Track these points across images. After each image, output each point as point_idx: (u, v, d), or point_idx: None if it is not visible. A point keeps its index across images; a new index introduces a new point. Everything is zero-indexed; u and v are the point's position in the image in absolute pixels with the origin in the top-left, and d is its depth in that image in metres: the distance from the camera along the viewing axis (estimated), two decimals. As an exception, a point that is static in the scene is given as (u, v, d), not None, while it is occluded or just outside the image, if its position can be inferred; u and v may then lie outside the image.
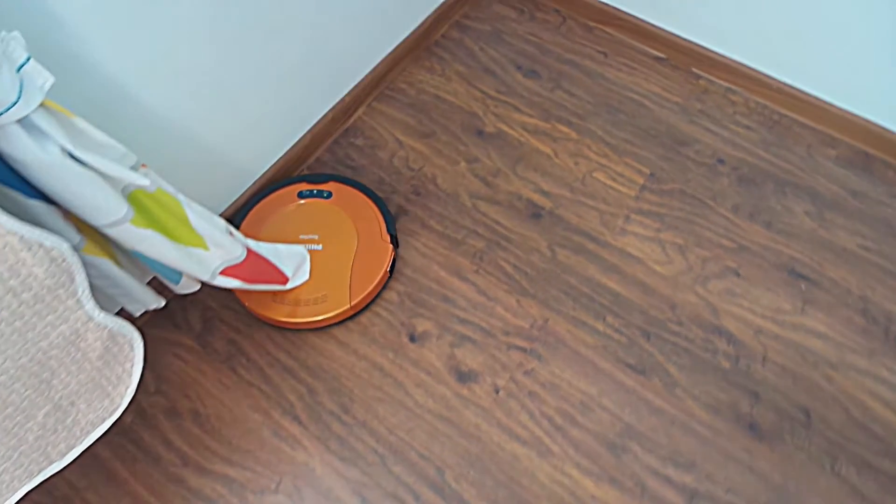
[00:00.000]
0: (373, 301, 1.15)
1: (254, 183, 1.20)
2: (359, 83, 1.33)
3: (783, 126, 1.35)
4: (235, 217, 1.18)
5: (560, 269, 1.18)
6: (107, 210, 0.68)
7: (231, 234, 0.88)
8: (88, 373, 0.81)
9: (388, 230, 1.16)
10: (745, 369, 1.10)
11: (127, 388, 0.87)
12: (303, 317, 1.09)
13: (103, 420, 0.87)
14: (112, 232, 0.70)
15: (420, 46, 1.43)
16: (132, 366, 0.86)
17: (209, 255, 0.84)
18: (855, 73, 1.24)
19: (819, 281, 1.18)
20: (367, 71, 1.34)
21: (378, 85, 1.37)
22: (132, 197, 0.71)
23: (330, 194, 1.19)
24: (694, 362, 1.10)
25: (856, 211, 1.25)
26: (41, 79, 0.60)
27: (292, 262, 1.06)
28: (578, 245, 1.20)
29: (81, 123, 0.66)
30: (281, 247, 1.05)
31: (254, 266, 0.94)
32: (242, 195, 1.19)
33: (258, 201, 1.18)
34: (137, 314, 0.90)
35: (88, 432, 0.86)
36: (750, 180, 1.28)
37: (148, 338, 1.11)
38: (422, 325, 1.13)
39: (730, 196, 1.26)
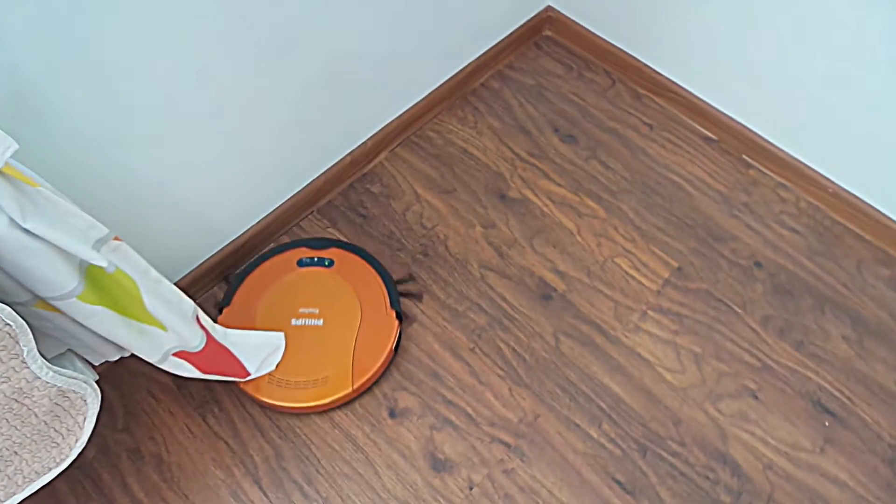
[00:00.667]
0: (375, 383, 1.07)
1: (257, 222, 1.16)
2: (385, 126, 1.27)
3: (834, 234, 1.23)
4: (227, 293, 1.10)
5: (561, 362, 1.10)
6: (54, 283, 0.64)
7: (197, 318, 0.83)
8: (34, 426, 0.78)
9: (392, 304, 1.09)
10: (746, 507, 1.00)
11: (77, 440, 0.84)
12: (300, 401, 1.01)
13: (49, 469, 0.84)
14: (58, 304, 0.67)
15: (456, 94, 1.36)
16: (84, 419, 0.83)
17: (165, 335, 0.79)
18: (924, 191, 1.11)
19: (846, 419, 1.06)
20: (396, 114, 1.28)
21: (405, 130, 1.31)
22: (88, 271, 0.67)
23: (332, 262, 1.11)
24: (690, 490, 1.01)
25: (902, 344, 1.13)
26: (2, 147, 0.56)
27: (261, 353, 1.00)
28: (586, 337, 1.12)
29: (46, 192, 0.62)
30: (255, 335, 0.99)
31: (211, 356, 0.89)
32: (241, 235, 1.15)
33: (254, 268, 1.12)
34: (97, 363, 0.87)
35: (32, 481, 0.84)
36: (787, 291, 1.17)
37: (126, 369, 1.08)
38: (405, 401, 1.07)
39: (761, 306, 1.15)
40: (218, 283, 1.16)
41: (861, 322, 1.14)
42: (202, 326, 0.85)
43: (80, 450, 0.84)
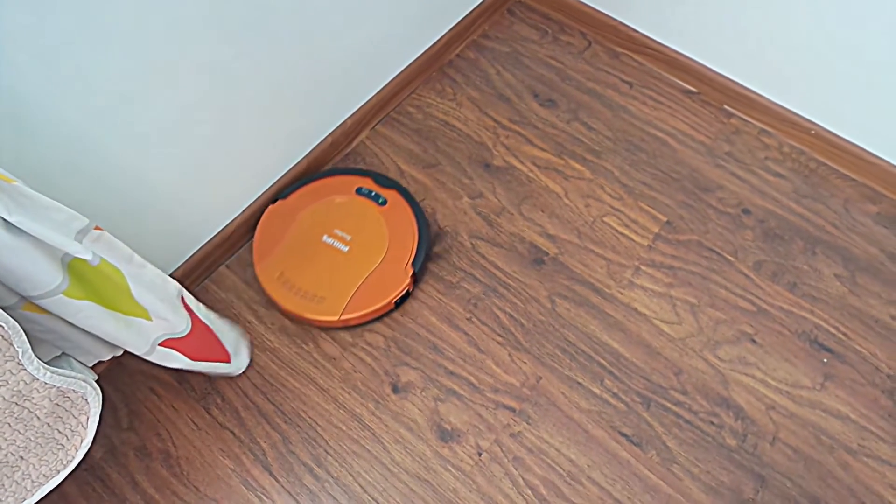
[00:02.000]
0: (365, 324, 1.10)
1: (243, 210, 1.15)
2: (363, 105, 1.26)
3: (819, 175, 1.23)
4: (289, 187, 1.17)
5: (559, 323, 1.10)
6: (39, 281, 0.63)
7: (182, 299, 0.83)
8: (37, 429, 0.78)
9: (414, 263, 1.10)
10: (753, 449, 1.01)
11: (82, 440, 0.84)
12: (290, 306, 1.07)
13: (57, 472, 0.84)
14: (44, 303, 0.66)
15: (433, 66, 1.35)
16: (87, 419, 0.82)
17: (151, 325, 0.79)
18: (904, 124, 1.12)
19: (844, 354, 1.08)
20: (373, 92, 1.27)
21: (384, 107, 1.30)
22: (71, 266, 0.66)
23: (385, 202, 1.15)
24: (696, 437, 1.02)
25: (893, 277, 1.13)
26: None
27: (230, 339, 1.00)
28: (581, 297, 1.12)
29: (22, 187, 0.61)
30: (219, 321, 0.99)
31: (199, 339, 0.88)
32: (230, 224, 1.14)
33: (321, 178, 1.17)
34: (90, 364, 0.86)
35: (41, 485, 0.83)
36: (777, 235, 1.17)
37: (125, 369, 1.08)
38: (406, 376, 1.07)
39: (753, 252, 1.16)
40: (209, 274, 1.16)
41: (852, 259, 1.15)
42: (187, 308, 0.84)
43: (85, 450, 0.83)
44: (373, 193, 1.15)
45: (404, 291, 1.09)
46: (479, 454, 1.01)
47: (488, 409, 1.04)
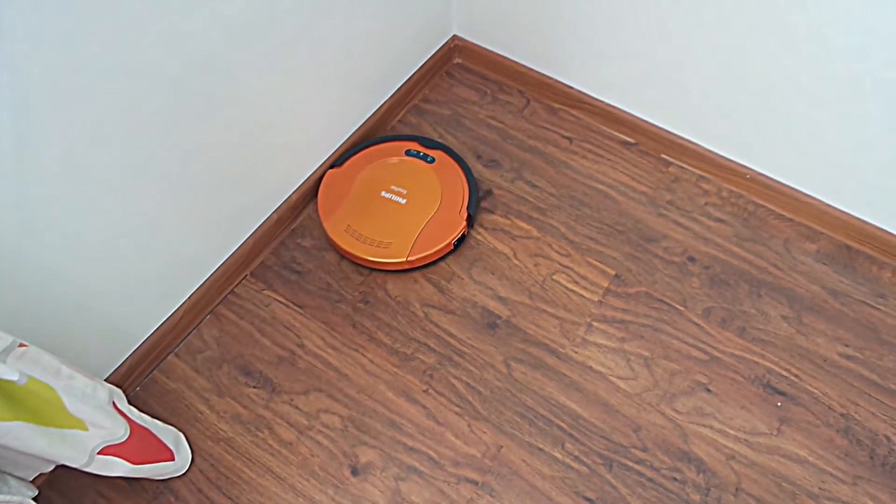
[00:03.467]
0: (431, 264, 1.21)
1: (189, 297, 1.13)
2: (307, 178, 1.26)
3: (758, 218, 1.26)
4: (344, 155, 1.29)
5: (516, 388, 1.10)
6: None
7: (114, 405, 0.81)
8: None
9: (468, 207, 1.22)
10: (716, 502, 1.01)
11: (22, 564, 0.80)
12: (364, 253, 1.17)
13: None
14: (-32, 433, 0.63)
15: (376, 134, 1.36)
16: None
17: (88, 434, 0.76)
18: (831, 165, 1.16)
19: (797, 396, 1.09)
20: (317, 165, 1.27)
21: (329, 179, 1.30)
22: (-4, 389, 0.64)
23: (433, 160, 1.27)
24: (660, 495, 1.01)
25: (837, 314, 1.16)
26: None
27: (169, 436, 0.98)
28: (537, 359, 1.12)
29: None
30: (154, 421, 0.96)
31: (139, 442, 0.86)
32: (175, 313, 1.12)
33: (370, 146, 1.30)
34: (30, 479, 0.82)
35: None
36: (722, 281, 1.19)
37: (72, 474, 1.03)
38: (365, 456, 1.05)
39: (701, 299, 1.18)
40: (158, 365, 1.13)
41: (797, 299, 1.18)
42: (120, 412, 0.82)
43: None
44: (420, 154, 1.29)
45: (461, 234, 1.20)
46: (444, 532, 0.99)
47: (450, 485, 1.02)
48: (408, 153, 1.29)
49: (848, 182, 1.17)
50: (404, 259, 1.16)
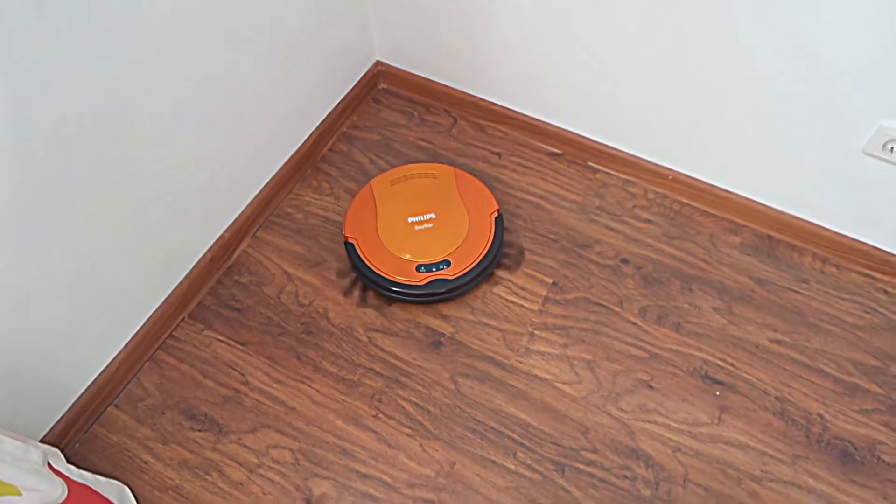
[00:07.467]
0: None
1: (125, 345, 1.10)
2: (240, 215, 1.25)
3: (684, 216, 1.32)
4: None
5: (465, 404, 1.11)
6: None
7: (49, 465, 0.78)
8: None
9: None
10: (667, 496, 1.03)
11: None
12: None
13: None
14: None
15: (307, 164, 1.37)
16: None
17: (22, 499, 0.73)
18: (746, 161, 1.22)
19: (734, 384, 1.13)
20: (248, 200, 1.26)
21: (262, 213, 1.29)
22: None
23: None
24: (612, 494, 1.03)
25: (764, 302, 1.21)
26: None
27: (113, 492, 0.95)
28: (483, 373, 1.14)
29: None
30: (95, 477, 0.94)
31: (80, 502, 0.83)
32: (111, 363, 1.09)
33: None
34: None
35: None
36: (655, 279, 1.24)
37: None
38: (319, 487, 1.04)
39: (636, 299, 1.21)
40: (97, 419, 1.09)
41: (726, 291, 1.23)
42: (56, 472, 0.79)
43: None
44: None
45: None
46: (404, 557, 0.99)
47: (407, 507, 1.02)
48: None
49: (763, 176, 1.23)
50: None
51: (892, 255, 1.22)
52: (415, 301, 1.18)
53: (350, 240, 1.20)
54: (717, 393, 1.12)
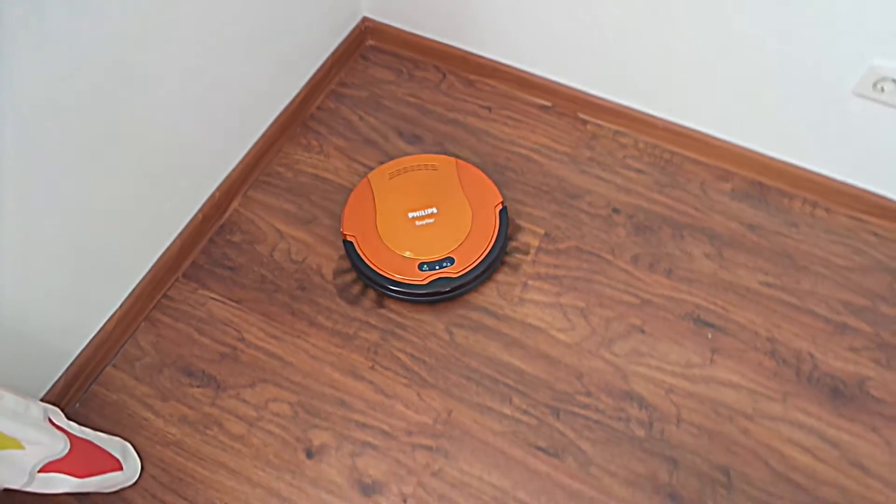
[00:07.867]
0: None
1: (119, 306, 1.10)
2: (229, 174, 1.24)
3: (675, 164, 1.32)
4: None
5: (460, 353, 1.12)
6: None
7: (50, 420, 0.79)
8: None
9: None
10: (660, 435, 1.05)
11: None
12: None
13: None
14: None
15: (295, 123, 1.36)
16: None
17: (25, 453, 0.74)
18: (735, 108, 1.21)
19: (725, 327, 1.15)
20: (238, 159, 1.26)
21: (252, 172, 1.29)
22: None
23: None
24: (607, 435, 1.05)
25: (755, 246, 1.22)
26: None
27: (115, 446, 0.96)
28: (477, 323, 1.15)
29: None
30: (95, 433, 0.95)
31: (82, 454, 0.84)
32: (106, 323, 1.09)
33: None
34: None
35: None
36: (646, 227, 1.24)
37: (13, 499, 1.00)
38: (318, 438, 1.05)
39: (628, 247, 1.22)
40: (96, 378, 1.10)
41: (717, 237, 1.23)
42: (58, 427, 0.80)
43: None
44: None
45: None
46: (405, 501, 1.00)
47: (406, 454, 1.04)
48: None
49: (753, 122, 1.23)
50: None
51: (883, 197, 1.23)
52: (417, 301, 1.15)
53: (349, 238, 1.15)
54: (709, 335, 1.14)
